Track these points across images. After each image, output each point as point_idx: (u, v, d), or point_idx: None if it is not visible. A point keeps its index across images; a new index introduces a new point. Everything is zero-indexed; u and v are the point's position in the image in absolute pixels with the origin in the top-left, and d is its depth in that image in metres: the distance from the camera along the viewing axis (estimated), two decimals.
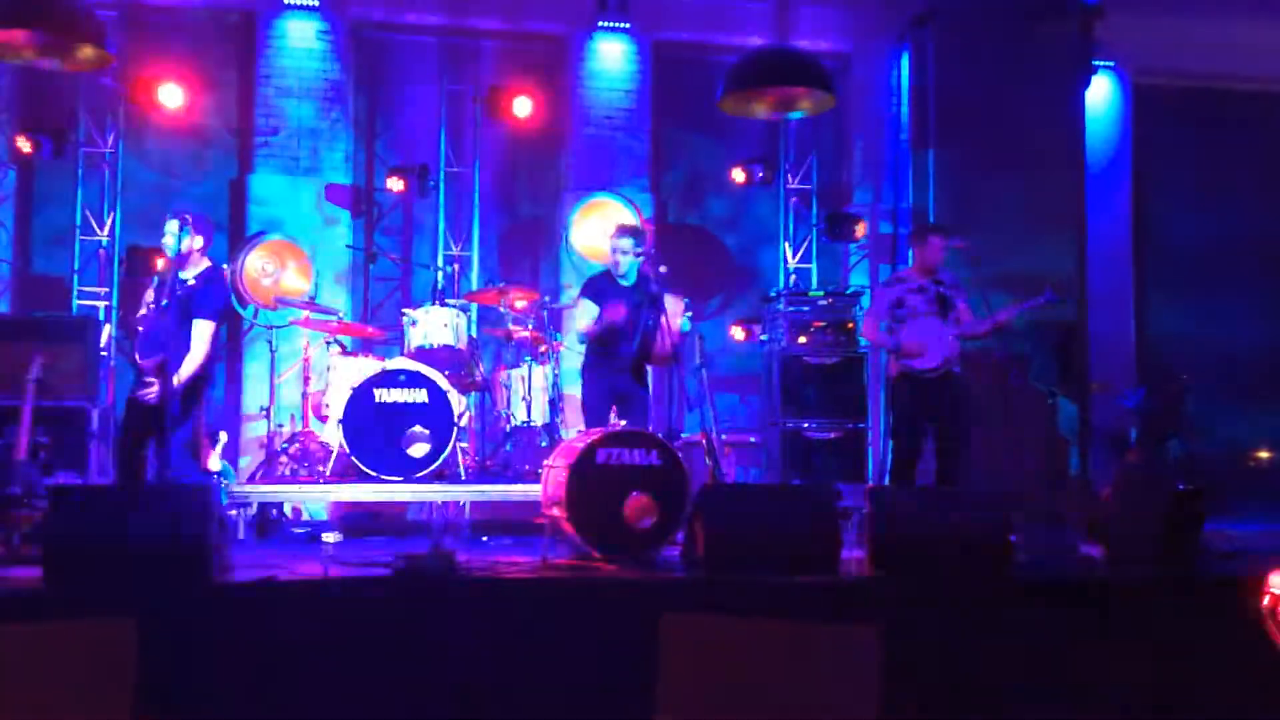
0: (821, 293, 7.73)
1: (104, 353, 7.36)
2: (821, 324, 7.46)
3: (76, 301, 7.86)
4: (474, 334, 7.60)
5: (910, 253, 6.23)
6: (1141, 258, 9.23)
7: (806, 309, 7.51)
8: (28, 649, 1.80)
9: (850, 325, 7.49)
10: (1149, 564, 4.71)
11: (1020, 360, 7.27)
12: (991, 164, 8.15)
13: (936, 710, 3.74)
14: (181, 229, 5.26)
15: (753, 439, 8.05)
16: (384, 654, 3.90)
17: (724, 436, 7.39)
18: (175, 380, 4.98)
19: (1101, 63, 8.82)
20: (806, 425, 7.31)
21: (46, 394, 6.09)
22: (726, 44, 8.73)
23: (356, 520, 6.88)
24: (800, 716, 1.83)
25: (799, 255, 8.95)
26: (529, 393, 6.85)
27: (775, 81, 7.57)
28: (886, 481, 6.40)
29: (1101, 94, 9.01)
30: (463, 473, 6.62)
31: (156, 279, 5.54)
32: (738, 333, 8.49)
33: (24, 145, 7.61)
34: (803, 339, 7.44)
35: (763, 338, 7.92)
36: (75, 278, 7.90)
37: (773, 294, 7.88)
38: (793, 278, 8.82)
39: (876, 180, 8.93)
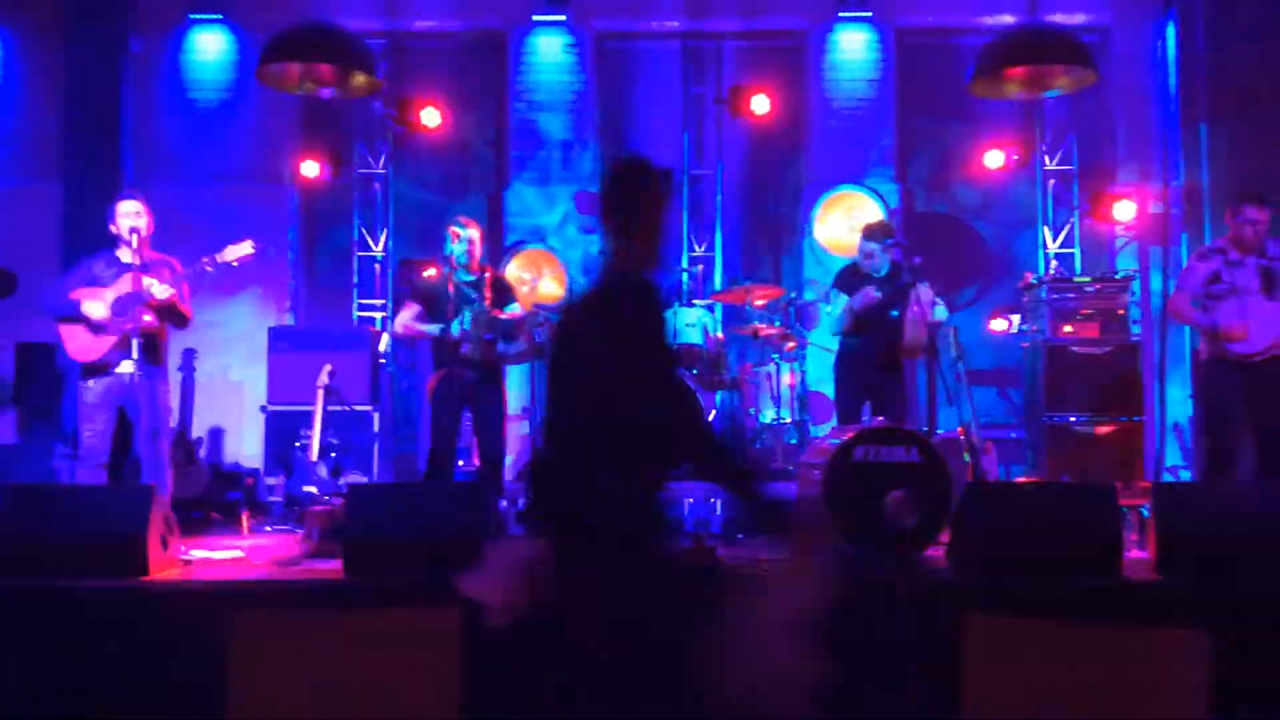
0: (1088, 278, 7.32)
1: (382, 360, 7.91)
2: (1089, 311, 7.06)
3: (356, 313, 8.47)
4: (720, 333, 7.66)
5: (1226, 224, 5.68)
6: None
7: (1071, 296, 7.13)
8: (363, 636, 1.96)
9: (1121, 312, 7.06)
10: None
11: None
12: (1272, 136, 7.51)
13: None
14: (472, 230, 5.82)
15: (1013, 435, 7.72)
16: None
17: (983, 432, 7.13)
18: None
19: None
20: (1074, 419, 6.93)
21: (334, 399, 6.61)
22: (972, 25, 8.44)
23: None
24: None
25: (1060, 240, 8.51)
26: (777, 390, 6.83)
27: (1031, 59, 7.24)
28: (1199, 478, 5.93)
29: None
30: None
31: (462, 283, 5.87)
32: (995, 323, 8.15)
33: (307, 169, 8.26)
34: (1068, 328, 7.06)
35: (1023, 328, 7.58)
36: (355, 290, 8.51)
37: (1034, 281, 7.53)
38: (1054, 264, 8.40)
39: (1143, 158, 8.36)
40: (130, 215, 5.12)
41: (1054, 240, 8.51)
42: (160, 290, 4.99)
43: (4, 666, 3.77)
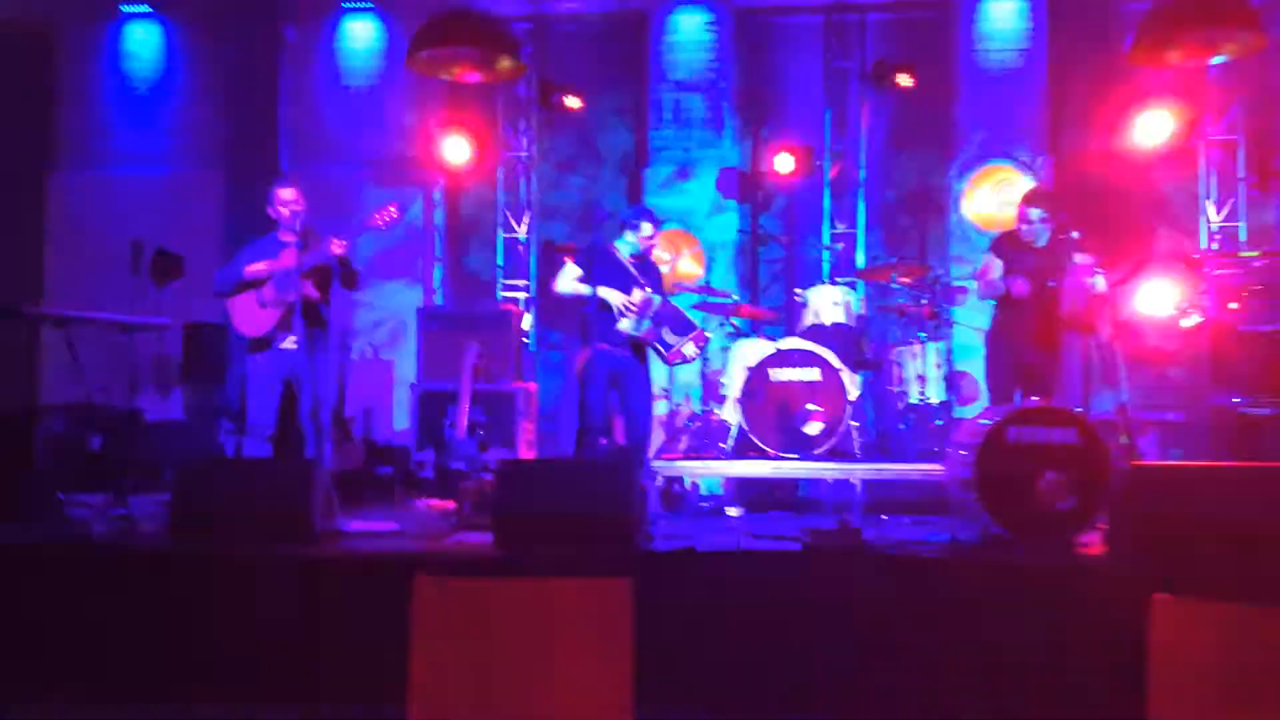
0: (1255, 253, 6.95)
1: (525, 340, 8.06)
2: (1257, 287, 6.71)
3: (501, 293, 8.65)
4: (863, 311, 7.54)
5: None
6: None
7: (1237, 271, 6.79)
8: (537, 603, 2.01)
9: None
10: None
11: None
12: None
13: None
14: (658, 228, 6.05)
15: (1171, 416, 7.39)
16: (793, 626, 3.96)
17: (1140, 414, 6.85)
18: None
19: None
20: (1239, 401, 6.60)
21: (480, 378, 6.77)
22: None
23: (751, 495, 7.04)
24: None
25: (1224, 213, 8.09)
26: (923, 369, 6.70)
27: (1199, 25, 6.87)
28: None
29: None
30: (857, 450, 6.59)
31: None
32: (1154, 299, 7.80)
33: (452, 153, 8.44)
34: (1234, 305, 6.73)
35: (1185, 305, 7.25)
36: (499, 272, 8.69)
37: (1196, 256, 7.19)
38: (1217, 237, 8.00)
39: None
40: (289, 200, 5.32)
41: (1217, 213, 8.10)
42: (337, 246, 5.14)
43: (176, 626, 3.99)
